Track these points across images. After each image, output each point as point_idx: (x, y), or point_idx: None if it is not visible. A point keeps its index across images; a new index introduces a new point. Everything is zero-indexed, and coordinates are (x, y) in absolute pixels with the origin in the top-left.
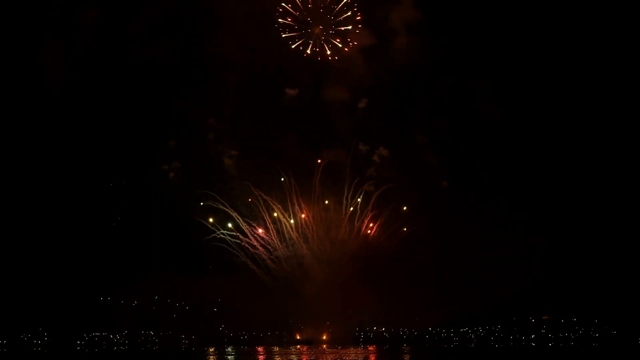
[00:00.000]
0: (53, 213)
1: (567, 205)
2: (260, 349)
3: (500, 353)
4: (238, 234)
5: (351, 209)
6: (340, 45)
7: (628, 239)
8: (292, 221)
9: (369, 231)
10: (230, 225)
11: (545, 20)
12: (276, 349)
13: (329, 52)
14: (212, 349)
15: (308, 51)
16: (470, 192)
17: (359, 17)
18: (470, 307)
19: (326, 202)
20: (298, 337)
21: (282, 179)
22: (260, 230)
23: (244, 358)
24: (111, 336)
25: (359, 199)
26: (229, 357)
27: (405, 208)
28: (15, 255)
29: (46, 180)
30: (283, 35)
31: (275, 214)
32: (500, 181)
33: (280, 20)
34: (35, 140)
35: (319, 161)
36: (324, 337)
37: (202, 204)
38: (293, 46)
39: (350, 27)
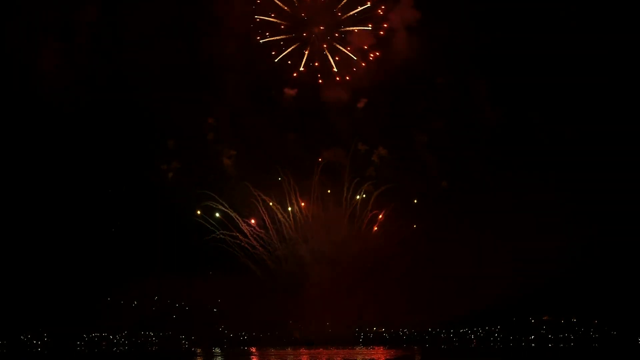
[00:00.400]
0: (52, 213)
1: (567, 205)
2: (253, 349)
3: (500, 353)
4: (238, 234)
5: (357, 197)
6: (354, 58)
7: (628, 238)
8: (291, 218)
9: (374, 228)
10: (217, 214)
11: (544, 20)
12: (272, 350)
13: (335, 69)
14: (200, 350)
15: (302, 68)
16: (470, 192)
17: (381, 12)
18: (470, 307)
19: (328, 191)
20: (298, 337)
21: (280, 179)
22: (252, 221)
23: (234, 359)
24: (111, 336)
25: (363, 196)
26: (217, 357)
27: (415, 201)
28: (15, 255)
29: (45, 179)
30: (261, 41)
31: (271, 205)
32: (500, 181)
33: (259, 17)
34: (35, 140)
35: (320, 160)
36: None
37: (199, 206)
38: (277, 59)
39: (369, 27)
